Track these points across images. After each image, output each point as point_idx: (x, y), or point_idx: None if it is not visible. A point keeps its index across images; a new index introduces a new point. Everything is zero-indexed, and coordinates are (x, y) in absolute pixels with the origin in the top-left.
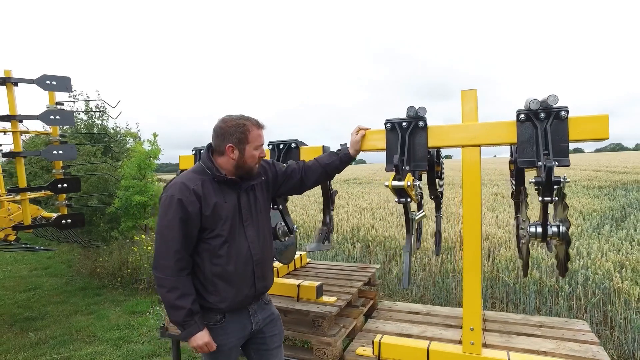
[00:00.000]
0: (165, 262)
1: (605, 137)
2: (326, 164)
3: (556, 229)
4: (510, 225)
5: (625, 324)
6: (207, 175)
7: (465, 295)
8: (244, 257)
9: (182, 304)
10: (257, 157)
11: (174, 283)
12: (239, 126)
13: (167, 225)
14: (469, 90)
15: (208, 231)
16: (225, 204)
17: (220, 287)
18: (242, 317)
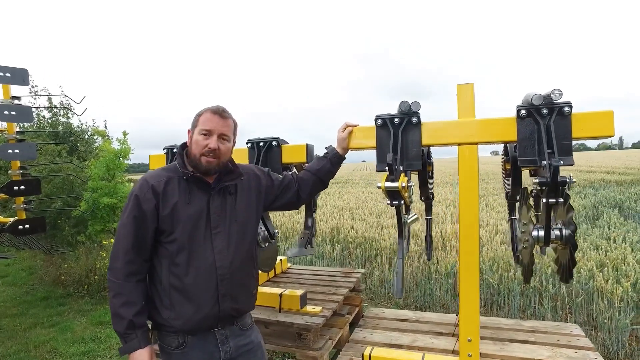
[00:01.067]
0: (116, 264)
1: (610, 134)
2: (317, 170)
3: (558, 232)
4: (490, 225)
5: (609, 323)
6: (177, 173)
7: (463, 305)
8: (206, 269)
9: (124, 314)
10: (203, 145)
11: (120, 288)
12: (199, 111)
13: (123, 223)
14: (465, 84)
15: (166, 234)
16: (188, 206)
17: (176, 301)
18: (207, 343)
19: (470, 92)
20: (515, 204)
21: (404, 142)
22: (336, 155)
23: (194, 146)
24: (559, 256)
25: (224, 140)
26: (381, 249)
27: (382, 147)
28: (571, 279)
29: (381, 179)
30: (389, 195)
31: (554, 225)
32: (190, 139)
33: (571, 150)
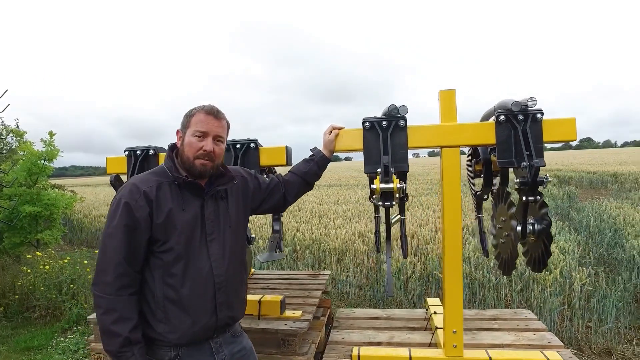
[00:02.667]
0: (105, 278)
1: (573, 138)
2: (304, 173)
3: (531, 227)
4: (430, 223)
5: (542, 307)
6: (168, 177)
7: (447, 298)
8: (203, 278)
9: (118, 330)
10: (197, 147)
11: (112, 303)
12: (190, 110)
13: (111, 234)
14: (447, 90)
15: (160, 243)
16: (183, 212)
17: (172, 314)
18: (202, 353)
19: (452, 97)
20: (483, 202)
21: (392, 145)
22: (323, 158)
23: (187, 148)
24: (530, 249)
25: (219, 141)
26: (330, 251)
27: (370, 149)
28: (544, 267)
29: (376, 181)
30: (383, 197)
31: (529, 221)
32: (182, 141)
33: (542, 153)
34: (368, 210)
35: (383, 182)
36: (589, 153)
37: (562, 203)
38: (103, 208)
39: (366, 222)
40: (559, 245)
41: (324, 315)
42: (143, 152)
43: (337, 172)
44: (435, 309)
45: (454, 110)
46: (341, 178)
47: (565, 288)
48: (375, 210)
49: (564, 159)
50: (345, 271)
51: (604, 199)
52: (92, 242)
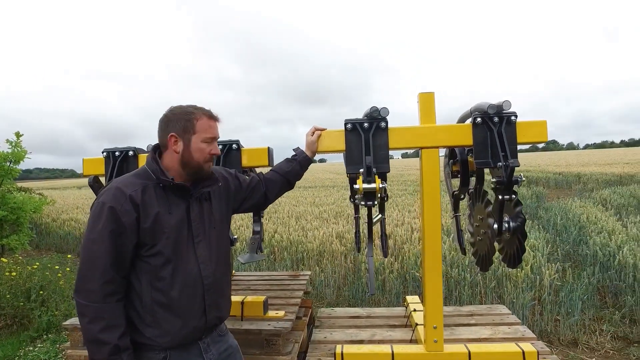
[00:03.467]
0: (90, 285)
1: (544, 140)
2: (287, 172)
3: (507, 224)
4: (406, 223)
5: (515, 302)
6: (152, 180)
7: (427, 295)
8: (192, 280)
9: (106, 339)
10: (206, 152)
11: (98, 311)
12: (186, 114)
13: (95, 239)
14: (426, 92)
15: (147, 247)
16: (170, 215)
17: (162, 318)
18: (191, 354)
19: (431, 100)
20: (460, 202)
21: (374, 146)
22: (305, 158)
23: (197, 155)
24: (505, 246)
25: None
26: (308, 252)
27: (352, 150)
28: (519, 263)
29: (359, 181)
30: (365, 197)
31: (504, 219)
32: (184, 146)
33: (517, 154)
34: (345, 211)
35: (366, 182)
36: (554, 155)
37: (531, 203)
38: (72, 211)
39: (343, 223)
40: (529, 243)
41: (305, 315)
42: (122, 154)
43: (312, 174)
44: (414, 307)
45: (432, 112)
46: (317, 180)
47: (535, 284)
48: (355, 210)
49: (531, 161)
50: (324, 272)
51: (569, 198)
52: (61, 246)
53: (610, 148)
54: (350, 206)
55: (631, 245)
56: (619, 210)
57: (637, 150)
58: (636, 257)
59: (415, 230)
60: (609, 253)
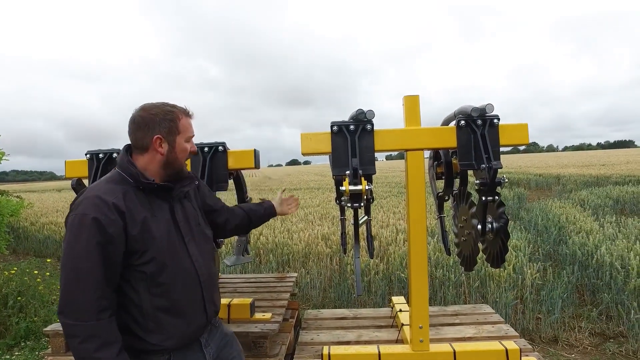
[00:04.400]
0: (79, 305)
1: (526, 142)
2: (250, 209)
3: (490, 225)
4: (391, 225)
5: (498, 301)
6: (130, 184)
7: (413, 295)
8: (190, 280)
9: (104, 357)
10: (187, 151)
11: (92, 330)
12: (167, 113)
13: (80, 255)
14: (411, 95)
15: (137, 255)
16: (156, 219)
17: (165, 322)
18: (193, 351)
19: (416, 103)
20: (444, 203)
21: (360, 148)
22: (271, 208)
23: (181, 155)
24: (489, 246)
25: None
26: (293, 254)
27: (338, 152)
28: (503, 263)
29: (345, 183)
30: (352, 198)
31: (488, 219)
32: (169, 147)
33: (499, 156)
34: (330, 213)
35: (352, 184)
36: (534, 157)
37: (513, 204)
38: (52, 215)
39: (328, 225)
40: (511, 244)
41: (292, 317)
42: (106, 155)
43: (297, 176)
44: (400, 307)
45: (417, 114)
46: (301, 182)
47: (518, 283)
48: (341, 212)
49: (512, 162)
50: (309, 274)
51: (549, 199)
52: (40, 250)
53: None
54: (336, 208)
55: (607, 245)
56: (596, 211)
57: (613, 153)
58: (612, 256)
59: (400, 232)
60: (587, 252)
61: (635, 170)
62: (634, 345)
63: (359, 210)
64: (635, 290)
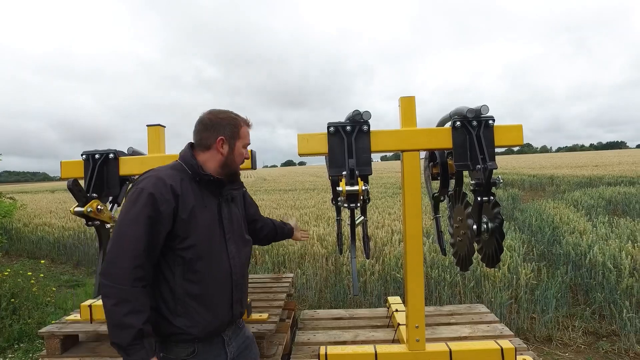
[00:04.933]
0: (118, 268)
1: (520, 143)
2: (278, 225)
3: (485, 225)
4: (386, 225)
5: (493, 301)
6: (187, 174)
7: (409, 295)
8: (223, 276)
9: (132, 322)
10: (243, 156)
11: (125, 294)
12: (232, 119)
13: (130, 223)
14: (407, 97)
15: (180, 239)
16: (204, 209)
17: (193, 309)
18: (216, 347)
19: (412, 103)
20: (440, 204)
21: (356, 149)
22: (290, 232)
23: (238, 158)
24: (484, 246)
25: None
26: (289, 254)
27: (335, 153)
28: (498, 262)
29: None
30: (348, 199)
31: (483, 220)
32: (229, 149)
33: (495, 156)
34: (325, 214)
35: (349, 185)
36: (528, 157)
37: (507, 204)
38: (45, 216)
39: (324, 226)
40: (506, 244)
41: (289, 318)
42: (102, 156)
43: (292, 177)
44: (396, 307)
45: (413, 115)
46: (297, 182)
47: (512, 283)
48: (337, 212)
49: (507, 163)
50: (305, 274)
51: (543, 200)
52: (34, 252)
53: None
54: (331, 209)
55: (600, 245)
56: (589, 211)
57: (605, 154)
58: (605, 255)
59: (395, 233)
60: (581, 252)
61: (626, 171)
62: (626, 344)
63: (355, 211)
64: (627, 289)
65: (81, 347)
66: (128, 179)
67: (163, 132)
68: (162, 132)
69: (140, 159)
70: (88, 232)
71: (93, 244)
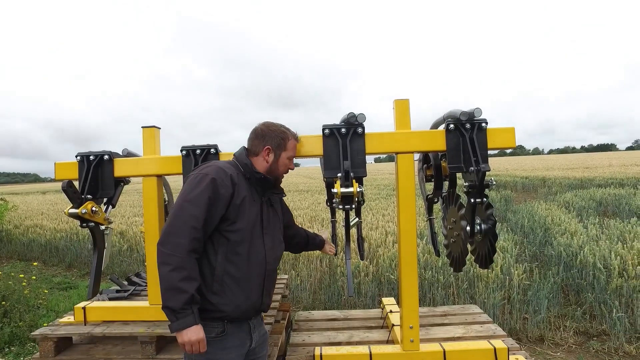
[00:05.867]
0: (178, 239)
1: (512, 145)
2: (310, 235)
3: (478, 226)
4: (380, 227)
5: (486, 302)
6: (240, 171)
7: (403, 296)
8: (259, 262)
9: (185, 287)
10: (287, 167)
11: (182, 262)
12: (281, 132)
13: (191, 200)
14: (401, 100)
15: (229, 222)
16: (253, 202)
17: (229, 289)
18: (243, 331)
19: (406, 106)
20: (433, 205)
21: (351, 151)
22: (322, 243)
23: (281, 167)
24: (478, 247)
25: None
26: (283, 256)
27: (330, 155)
28: (491, 263)
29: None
30: (343, 200)
31: (476, 221)
32: (274, 158)
33: (487, 158)
34: (319, 215)
35: (343, 187)
36: (521, 159)
37: (500, 206)
38: (37, 217)
39: (318, 227)
40: (499, 245)
41: (284, 319)
42: (97, 157)
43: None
44: (390, 308)
45: (407, 118)
46: (291, 184)
47: (505, 284)
48: (332, 214)
49: (500, 165)
50: (300, 275)
51: (535, 201)
52: (25, 254)
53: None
54: (325, 210)
55: (591, 246)
56: (580, 212)
57: (596, 156)
58: (595, 256)
59: (389, 234)
60: (572, 253)
61: (616, 172)
62: (616, 343)
63: (350, 213)
64: (616, 289)
65: (75, 349)
66: (123, 181)
67: (158, 134)
68: (157, 133)
69: (135, 161)
70: (81, 233)
71: (86, 246)
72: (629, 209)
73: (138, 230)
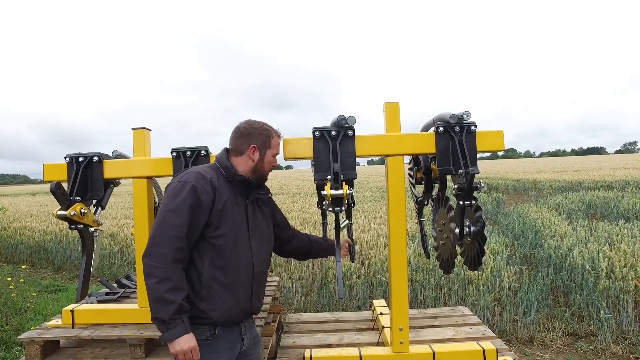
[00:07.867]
0: (161, 249)
1: (501, 149)
2: (314, 240)
3: (467, 229)
4: (372, 229)
5: (477, 304)
6: (221, 174)
7: (393, 298)
8: (246, 266)
9: (172, 298)
10: (271, 165)
11: (167, 273)
12: (264, 130)
13: (173, 210)
14: (391, 102)
15: (212, 228)
16: (236, 205)
17: (216, 294)
18: (233, 333)
19: (396, 109)
20: (424, 208)
21: (341, 153)
22: (332, 247)
23: (267, 165)
24: (467, 249)
25: None
26: (275, 258)
27: (320, 157)
28: (480, 265)
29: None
30: (333, 203)
31: (465, 223)
32: (260, 156)
33: (476, 161)
34: (311, 217)
35: (333, 189)
36: (512, 162)
37: (491, 208)
38: (25, 219)
39: (310, 230)
40: (489, 247)
41: (274, 321)
42: (86, 159)
43: (278, 181)
44: (381, 310)
45: (397, 121)
46: (283, 186)
47: (495, 286)
48: (323, 216)
49: (491, 168)
50: (291, 278)
51: (526, 204)
52: (12, 257)
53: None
54: (317, 212)
55: (580, 248)
56: (570, 215)
57: (585, 159)
58: (584, 258)
59: (381, 236)
60: (561, 255)
61: (605, 176)
62: (603, 343)
63: (340, 215)
64: (604, 290)
65: (62, 353)
66: (113, 182)
67: (149, 135)
68: (148, 135)
69: (125, 162)
70: (70, 235)
71: (75, 248)
72: (617, 211)
73: (129, 233)
